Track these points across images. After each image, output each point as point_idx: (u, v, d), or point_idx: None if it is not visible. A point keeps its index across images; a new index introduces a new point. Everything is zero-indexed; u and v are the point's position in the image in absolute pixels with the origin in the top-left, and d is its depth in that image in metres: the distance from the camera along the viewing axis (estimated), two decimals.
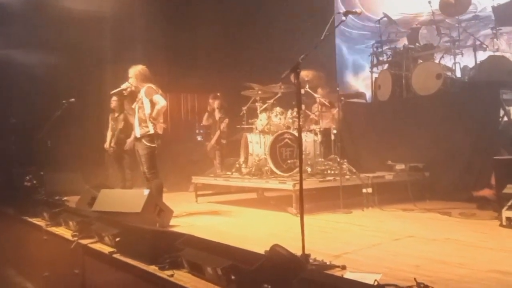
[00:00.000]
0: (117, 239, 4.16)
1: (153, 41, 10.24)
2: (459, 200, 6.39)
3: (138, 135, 5.89)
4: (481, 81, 7.53)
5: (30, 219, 6.27)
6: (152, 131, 5.82)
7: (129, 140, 7.91)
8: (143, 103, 5.88)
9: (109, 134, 8.37)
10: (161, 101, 5.84)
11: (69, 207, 6.08)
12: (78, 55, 9.68)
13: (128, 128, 7.94)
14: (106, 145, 8.34)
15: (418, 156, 7.21)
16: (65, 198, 7.49)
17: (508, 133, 6.96)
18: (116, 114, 8.33)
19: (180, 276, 3.30)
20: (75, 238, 4.73)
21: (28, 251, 6.35)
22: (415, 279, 2.45)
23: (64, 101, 7.48)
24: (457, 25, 8.09)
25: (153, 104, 5.85)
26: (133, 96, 6.06)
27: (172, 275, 3.31)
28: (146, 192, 5.28)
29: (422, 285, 2.41)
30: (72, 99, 7.33)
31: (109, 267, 4.11)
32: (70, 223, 5.15)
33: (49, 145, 7.51)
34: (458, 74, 8.23)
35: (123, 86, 5.97)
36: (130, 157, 8.01)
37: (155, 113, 5.83)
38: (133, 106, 6.09)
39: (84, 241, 4.61)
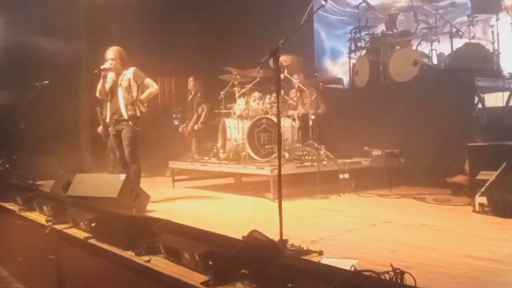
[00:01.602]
0: (93, 224, 4.11)
1: (129, 23, 10.03)
2: (433, 186, 6.50)
3: (125, 117, 5.77)
4: (457, 68, 7.62)
5: (2, 204, 6.13)
6: (138, 114, 5.79)
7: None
8: (130, 85, 5.78)
9: (101, 118, 8.16)
10: (154, 85, 5.88)
11: (43, 192, 5.97)
12: (52, 35, 9.45)
13: None
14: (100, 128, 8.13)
15: (394, 142, 7.28)
16: (39, 182, 7.35)
17: (482, 120, 7.08)
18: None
19: (157, 261, 3.28)
20: (50, 223, 4.65)
21: (1, 236, 6.24)
22: (391, 264, 2.47)
23: (37, 83, 7.32)
24: (434, 11, 8.15)
25: (142, 87, 5.81)
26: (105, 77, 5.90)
27: (148, 261, 3.28)
28: (122, 176, 5.21)
29: (398, 271, 2.43)
30: (46, 81, 7.17)
31: (84, 252, 4.06)
32: (44, 208, 5.06)
33: (22, 128, 7.36)
34: (435, 61, 8.31)
35: (106, 66, 5.81)
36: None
37: (145, 96, 5.80)
38: (106, 86, 5.89)
39: (58, 226, 4.53)
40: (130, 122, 5.76)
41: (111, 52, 5.82)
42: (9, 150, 7.78)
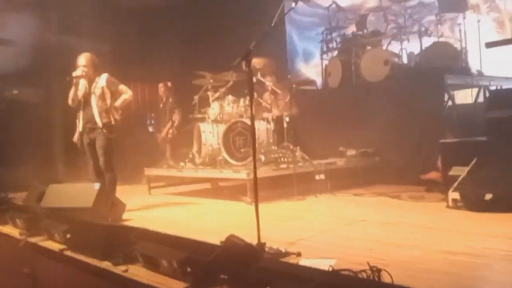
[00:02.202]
0: (68, 235, 4.03)
1: (99, 29, 9.91)
2: (408, 184, 6.59)
3: (99, 125, 5.68)
4: (427, 67, 7.75)
5: None
6: (113, 122, 5.71)
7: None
8: (103, 93, 5.70)
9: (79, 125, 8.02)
10: (128, 91, 5.80)
11: (15, 204, 5.83)
12: (21, 45, 9.26)
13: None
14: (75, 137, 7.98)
15: (368, 142, 7.37)
16: (11, 195, 7.19)
17: (453, 116, 7.21)
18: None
19: (135, 270, 3.24)
20: (23, 237, 4.55)
21: None
22: (368, 263, 2.49)
23: (6, 93, 7.18)
24: (403, 11, 8.27)
25: (116, 94, 5.73)
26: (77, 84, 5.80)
27: (126, 270, 3.24)
28: (97, 186, 5.14)
29: (375, 269, 2.46)
30: (15, 91, 7.04)
31: (60, 264, 3.99)
32: (17, 221, 4.94)
33: None
34: (405, 60, 8.43)
35: (78, 73, 5.72)
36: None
37: (120, 103, 5.73)
38: (79, 94, 5.80)
39: (33, 239, 4.44)
40: (104, 130, 5.67)
41: (83, 59, 5.73)
42: None
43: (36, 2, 9.42)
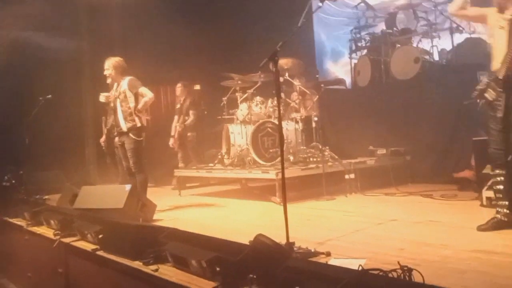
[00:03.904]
0: (100, 236, 4.12)
1: (131, 34, 10.08)
2: (440, 182, 6.47)
3: (124, 129, 5.73)
4: (459, 64, 7.59)
5: (10, 220, 6.16)
6: (139, 124, 5.73)
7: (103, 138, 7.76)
8: (126, 96, 5.74)
9: (105, 129, 8.07)
10: (148, 93, 5.76)
11: (50, 206, 6.00)
12: (54, 50, 9.49)
13: None
14: (102, 140, 8.09)
15: (399, 140, 7.26)
16: (45, 196, 7.38)
17: (486, 114, 7.03)
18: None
19: (165, 270, 3.28)
20: (57, 237, 4.66)
21: (10, 252, 6.25)
22: (398, 262, 2.45)
23: (41, 98, 7.36)
24: (433, 8, 8.14)
25: (137, 97, 5.75)
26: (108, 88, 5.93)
27: (156, 270, 3.28)
28: (127, 187, 5.22)
29: (405, 268, 2.41)
30: (49, 96, 7.21)
31: (92, 264, 4.07)
32: (52, 221, 5.08)
33: (27, 143, 7.38)
34: (436, 57, 8.29)
35: (105, 95, 5.85)
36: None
37: (141, 106, 5.72)
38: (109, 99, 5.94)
39: (66, 240, 4.55)
40: (130, 134, 5.71)
41: (106, 63, 5.81)
42: (15, 166, 7.80)
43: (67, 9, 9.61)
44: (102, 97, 5.94)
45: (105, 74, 5.79)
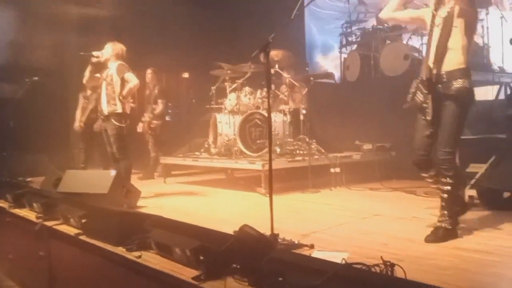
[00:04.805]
0: (83, 220, 4.09)
1: (120, 18, 9.96)
2: (424, 179, 6.50)
3: (105, 113, 5.69)
4: None
5: None
6: (120, 110, 5.66)
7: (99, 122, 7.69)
8: (112, 80, 5.68)
9: (78, 112, 8.06)
10: (133, 80, 5.68)
11: (33, 188, 5.93)
12: (41, 31, 9.34)
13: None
14: (76, 124, 8.05)
15: (385, 136, 7.30)
16: (29, 179, 7.30)
17: (472, 113, 7.09)
18: (89, 92, 7.96)
19: (148, 257, 3.27)
20: (40, 220, 4.62)
21: None
22: (381, 257, 2.48)
23: (26, 80, 7.26)
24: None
25: (123, 82, 5.67)
26: (97, 68, 5.85)
27: (140, 256, 3.27)
28: (113, 173, 5.19)
29: (388, 263, 2.44)
30: (35, 78, 7.12)
31: (75, 249, 4.04)
32: (34, 204, 5.02)
33: (11, 125, 7.29)
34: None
35: (94, 53, 5.72)
36: (99, 138, 7.81)
37: (126, 91, 5.65)
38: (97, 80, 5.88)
39: (49, 223, 4.50)
40: (112, 119, 5.65)
41: (108, 44, 5.79)
42: None
43: None
44: (95, 53, 5.77)
45: (100, 55, 5.71)
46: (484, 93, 7.66)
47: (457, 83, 3.61)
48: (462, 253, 3.14)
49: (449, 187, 3.64)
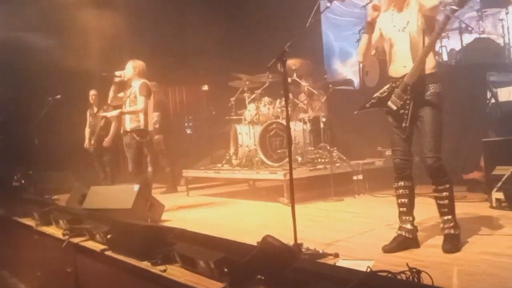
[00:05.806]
0: (109, 236, 4.13)
1: (140, 35, 10.10)
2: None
3: (128, 129, 5.78)
4: (468, 64, 7.53)
5: (20, 219, 6.21)
6: (142, 126, 5.76)
7: (108, 138, 7.74)
8: (136, 98, 5.77)
9: (87, 131, 8.06)
10: (140, 104, 5.71)
11: (59, 206, 6.03)
12: (63, 50, 9.51)
13: (108, 125, 7.72)
14: (86, 143, 8.03)
15: None
16: (54, 196, 7.42)
17: (496, 115, 6.99)
18: (96, 110, 7.99)
19: (173, 270, 3.29)
20: (66, 237, 4.69)
21: (19, 252, 6.30)
22: (407, 264, 2.44)
23: (50, 98, 7.39)
24: (442, 8, 8.06)
25: (147, 100, 5.76)
26: (121, 87, 5.95)
27: (164, 270, 3.29)
28: (136, 187, 5.24)
29: (414, 270, 2.40)
30: (58, 96, 7.24)
31: (101, 264, 4.08)
32: (61, 221, 5.11)
33: (36, 143, 7.42)
34: (445, 57, 8.23)
35: (117, 73, 5.83)
36: (111, 155, 7.86)
37: (129, 110, 5.75)
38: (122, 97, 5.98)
39: (75, 240, 4.57)
40: (133, 134, 5.73)
41: (129, 62, 5.90)
42: (25, 166, 7.84)
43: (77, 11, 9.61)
44: (118, 73, 5.87)
45: (122, 74, 5.81)
46: (507, 94, 7.53)
47: (434, 88, 3.54)
48: (490, 258, 3.08)
49: (447, 193, 3.57)
